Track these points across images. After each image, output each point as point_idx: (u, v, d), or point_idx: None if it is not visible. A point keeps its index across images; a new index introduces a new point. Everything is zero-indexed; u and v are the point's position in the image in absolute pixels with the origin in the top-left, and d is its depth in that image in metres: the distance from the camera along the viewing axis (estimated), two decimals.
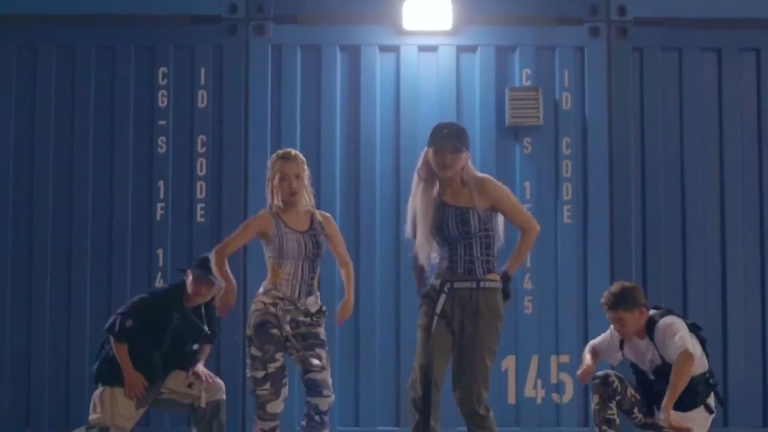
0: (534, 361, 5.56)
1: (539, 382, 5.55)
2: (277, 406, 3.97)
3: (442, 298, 3.54)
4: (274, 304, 3.82)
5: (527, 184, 5.60)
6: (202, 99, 5.62)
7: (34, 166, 5.60)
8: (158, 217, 5.53)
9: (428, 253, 3.53)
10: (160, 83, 5.61)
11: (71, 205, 5.58)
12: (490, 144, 5.58)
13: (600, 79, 5.69)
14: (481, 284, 3.47)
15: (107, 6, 5.69)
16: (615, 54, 5.70)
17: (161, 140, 5.59)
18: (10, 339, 5.48)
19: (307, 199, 4.10)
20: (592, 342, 4.68)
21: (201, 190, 5.59)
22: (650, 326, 4.30)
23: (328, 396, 4.08)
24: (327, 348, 4.16)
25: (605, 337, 4.61)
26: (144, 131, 5.64)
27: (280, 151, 4.14)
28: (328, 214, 4.09)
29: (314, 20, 5.81)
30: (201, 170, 5.59)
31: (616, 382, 4.37)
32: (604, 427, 4.44)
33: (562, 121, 5.73)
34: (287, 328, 3.98)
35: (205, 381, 4.54)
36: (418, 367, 3.46)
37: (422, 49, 5.78)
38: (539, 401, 5.55)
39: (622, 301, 4.31)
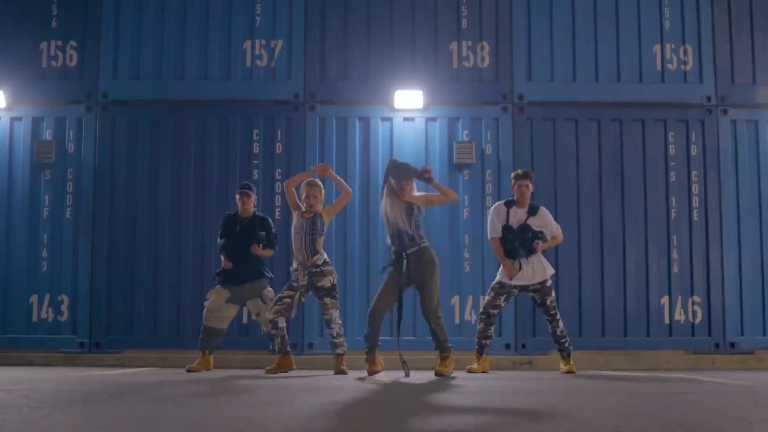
0: (470, 299, 8.99)
1: (473, 311, 8.91)
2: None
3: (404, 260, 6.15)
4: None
5: (466, 198, 9.01)
6: (279, 148, 9.10)
7: (182, 185, 9.09)
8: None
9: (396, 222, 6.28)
10: (254, 138, 9.13)
11: (207, 206, 8.97)
12: (444, 174, 8.90)
13: (508, 136, 9.07)
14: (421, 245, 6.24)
15: (226, 94, 9.16)
16: (516, 122, 9.11)
17: (255, 171, 9.09)
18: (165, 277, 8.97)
19: (317, 206, 6.67)
20: (493, 225, 7.09)
21: (278, 200, 9.02)
22: (531, 207, 7.03)
23: (333, 328, 6.66)
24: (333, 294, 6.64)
25: (495, 216, 7.06)
26: (246, 165, 9.05)
27: (308, 179, 6.79)
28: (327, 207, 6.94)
29: (343, 103, 9.16)
30: (278, 189, 9.00)
31: (493, 315, 7.13)
32: (484, 341, 7.12)
33: (486, 160, 9.09)
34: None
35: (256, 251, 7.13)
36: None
37: (405, 119, 9.15)
38: (472, 322, 8.80)
39: (530, 174, 7.14)
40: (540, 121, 9.25)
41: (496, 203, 7.46)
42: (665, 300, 9.10)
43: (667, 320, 9.09)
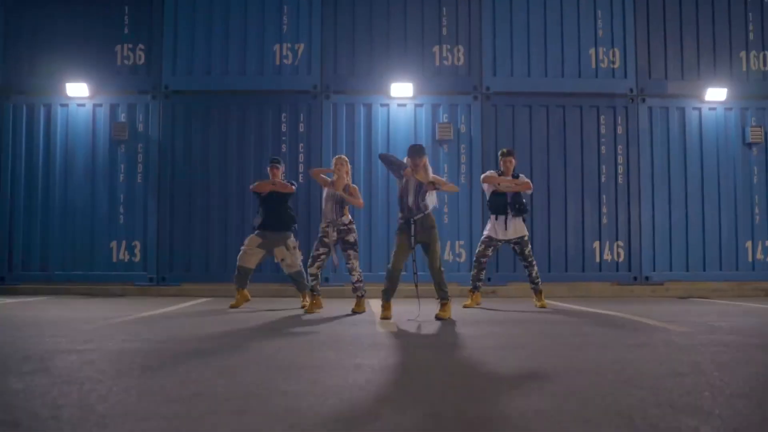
0: (448, 243, 11.45)
1: (450, 252, 11.35)
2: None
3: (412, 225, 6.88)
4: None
5: (446, 165, 11.50)
6: (301, 128, 11.49)
7: (220, 164, 11.61)
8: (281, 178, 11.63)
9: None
10: (282, 120, 11.54)
11: (243, 179, 11.50)
12: (429, 149, 11.24)
13: (477, 119, 11.44)
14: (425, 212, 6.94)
15: (260, 86, 11.47)
16: (484, 108, 11.47)
17: (283, 146, 11.52)
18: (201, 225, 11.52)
19: (345, 178, 7.83)
20: (490, 177, 8.47)
21: (301, 168, 11.59)
22: (514, 176, 8.38)
23: (354, 275, 7.85)
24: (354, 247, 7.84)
25: (491, 176, 8.41)
26: (276, 141, 11.42)
27: (338, 156, 8.04)
28: (354, 185, 8.06)
29: (351, 92, 11.41)
30: (301, 159, 11.54)
31: (484, 263, 8.58)
32: (478, 283, 8.62)
33: (461, 137, 11.46)
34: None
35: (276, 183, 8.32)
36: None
37: (399, 105, 11.46)
38: (450, 261, 11.30)
39: (513, 152, 8.54)
40: (502, 107, 11.61)
41: (489, 171, 8.88)
42: (596, 244, 11.67)
43: (597, 259, 11.66)
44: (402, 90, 11.36)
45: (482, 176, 8.82)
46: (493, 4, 11.75)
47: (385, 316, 6.98)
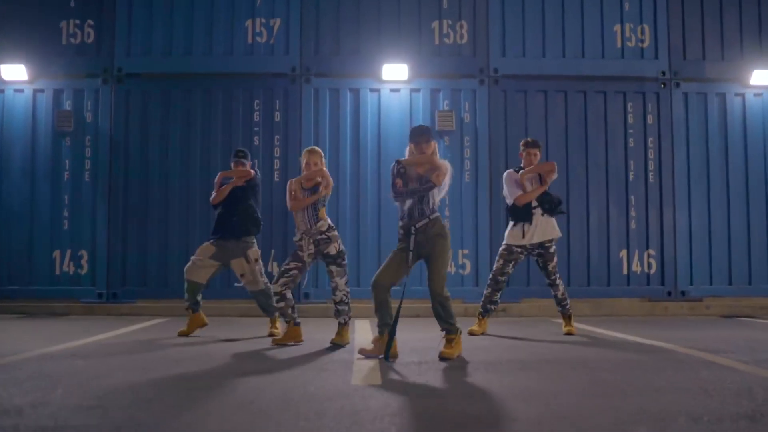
0: (449, 252, 9.97)
1: (452, 263, 9.70)
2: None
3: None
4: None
5: (447, 160, 10.08)
6: (277, 116, 9.92)
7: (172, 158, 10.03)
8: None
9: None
10: (255, 108, 9.95)
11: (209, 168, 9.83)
12: None
13: (484, 106, 9.92)
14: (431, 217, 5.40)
15: (230, 68, 9.93)
16: (492, 93, 9.95)
17: (256, 138, 9.92)
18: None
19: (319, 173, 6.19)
20: (511, 189, 6.96)
21: (277, 164, 9.88)
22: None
23: (337, 295, 6.21)
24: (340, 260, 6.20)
25: (510, 181, 6.96)
26: (248, 133, 9.85)
27: (309, 147, 6.52)
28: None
29: (336, 75, 9.92)
30: (276, 154, 9.88)
31: (502, 282, 7.04)
32: (489, 306, 7.08)
33: (465, 128, 9.94)
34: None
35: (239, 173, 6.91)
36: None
37: (392, 90, 9.96)
38: (452, 273, 9.70)
39: (539, 144, 7.12)
40: (513, 93, 10.11)
41: (507, 171, 7.32)
42: (624, 253, 10.09)
43: (625, 271, 10.07)
44: (395, 72, 9.95)
45: (506, 177, 7.24)
46: None
47: (370, 352, 5.43)
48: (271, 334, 6.95)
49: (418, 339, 6.48)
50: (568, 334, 7.13)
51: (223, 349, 6.02)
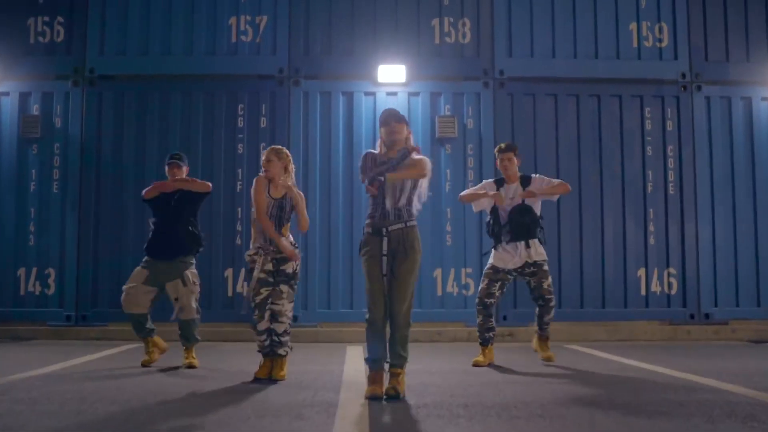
0: (452, 271, 9.08)
1: (455, 283, 9.03)
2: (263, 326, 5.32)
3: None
4: None
5: (448, 171, 9.15)
6: (263, 122, 9.18)
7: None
8: (238, 188, 9.09)
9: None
10: (240, 113, 9.19)
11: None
12: (427, 148, 8.91)
13: (489, 111, 9.21)
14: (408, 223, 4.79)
15: (212, 69, 9.20)
16: (497, 97, 9.24)
17: (240, 145, 9.15)
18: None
19: (285, 179, 5.49)
20: (473, 189, 6.66)
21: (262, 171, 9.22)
22: (523, 179, 6.39)
23: (282, 322, 5.28)
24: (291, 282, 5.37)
25: (483, 185, 6.52)
26: (231, 140, 9.11)
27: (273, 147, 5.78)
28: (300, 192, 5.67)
29: (327, 78, 9.22)
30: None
31: (490, 306, 6.32)
32: (487, 334, 6.30)
33: (468, 135, 9.23)
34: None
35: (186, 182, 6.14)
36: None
37: (388, 94, 9.24)
38: (454, 294, 9.02)
39: (513, 147, 6.50)
40: (520, 96, 9.38)
41: (484, 181, 6.91)
42: (642, 272, 9.28)
43: (643, 292, 9.26)
44: (392, 74, 9.25)
45: (466, 194, 6.88)
46: None
47: (373, 393, 4.62)
48: (189, 365, 6.16)
49: (415, 371, 5.61)
50: (547, 360, 6.46)
51: (183, 386, 5.13)
